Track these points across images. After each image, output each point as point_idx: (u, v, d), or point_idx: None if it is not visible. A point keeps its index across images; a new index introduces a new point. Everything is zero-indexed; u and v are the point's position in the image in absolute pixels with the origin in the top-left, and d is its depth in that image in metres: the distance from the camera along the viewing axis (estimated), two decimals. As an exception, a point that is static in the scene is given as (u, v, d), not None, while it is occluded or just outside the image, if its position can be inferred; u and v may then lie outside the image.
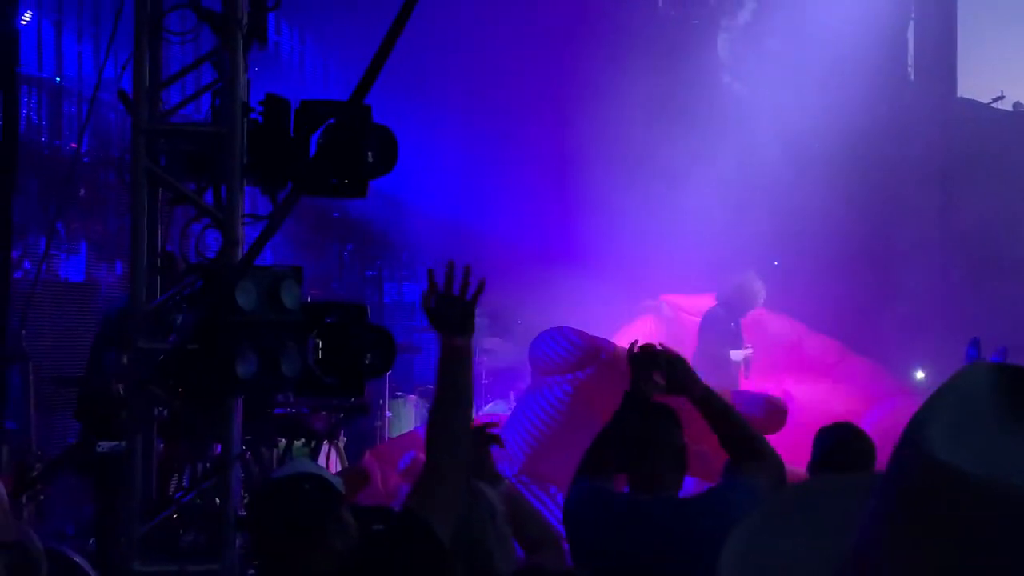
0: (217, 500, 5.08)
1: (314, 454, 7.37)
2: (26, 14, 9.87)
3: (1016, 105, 16.67)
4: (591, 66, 12.83)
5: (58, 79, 10.21)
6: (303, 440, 7.49)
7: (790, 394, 8.99)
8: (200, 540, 5.26)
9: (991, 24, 17.81)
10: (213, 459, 5.28)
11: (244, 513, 5.68)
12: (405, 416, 10.94)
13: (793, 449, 4.97)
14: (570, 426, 7.35)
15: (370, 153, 5.08)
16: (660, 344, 3.88)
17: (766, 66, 13.57)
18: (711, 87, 13.54)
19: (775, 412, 7.69)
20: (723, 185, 12.08)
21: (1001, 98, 16.32)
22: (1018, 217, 14.77)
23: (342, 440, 9.06)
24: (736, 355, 9.55)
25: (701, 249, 11.32)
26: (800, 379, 9.90)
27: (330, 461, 8.57)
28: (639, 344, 3.84)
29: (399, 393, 11.13)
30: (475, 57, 12.26)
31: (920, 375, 12.26)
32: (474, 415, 10.52)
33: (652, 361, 3.81)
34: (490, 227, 12.37)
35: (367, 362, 5.12)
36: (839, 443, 4.75)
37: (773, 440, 4.09)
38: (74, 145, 8.10)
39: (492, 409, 10.46)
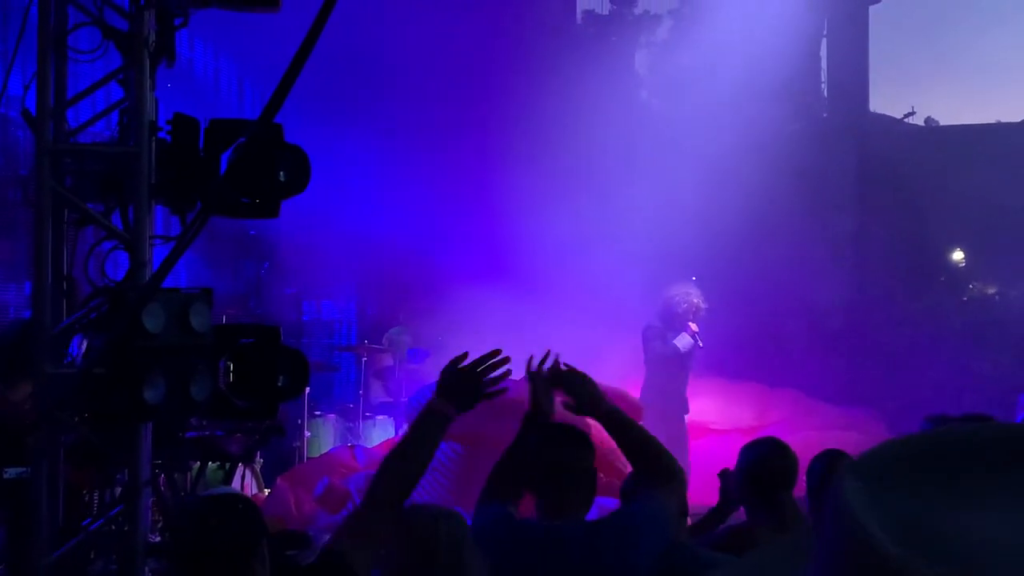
0: (126, 527, 4.96)
1: (228, 477, 7.22)
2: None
3: (928, 120, 17.04)
4: (510, 81, 12.85)
5: (-36, 97, 9.98)
6: (218, 463, 7.35)
7: None
8: (110, 568, 5.14)
9: (902, 41, 18.19)
10: (123, 485, 5.17)
11: (157, 538, 5.57)
12: (324, 435, 10.80)
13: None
14: (468, 478, 7.22)
15: (282, 172, 5.02)
16: (565, 364, 3.83)
17: (683, 82, 13.71)
18: (629, 103, 13.63)
19: None
20: (643, 200, 12.16)
21: (912, 113, 16.69)
22: (931, 230, 15.07)
23: (259, 462, 8.93)
24: (681, 342, 9.68)
25: (625, 264, 11.39)
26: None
27: (245, 484, 8.45)
28: (536, 362, 3.76)
29: (318, 412, 10.99)
30: (393, 73, 12.21)
31: None
32: (395, 437, 10.39)
33: (554, 380, 3.77)
34: (410, 244, 12.31)
35: (280, 384, 5.04)
36: (763, 458, 4.80)
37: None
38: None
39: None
